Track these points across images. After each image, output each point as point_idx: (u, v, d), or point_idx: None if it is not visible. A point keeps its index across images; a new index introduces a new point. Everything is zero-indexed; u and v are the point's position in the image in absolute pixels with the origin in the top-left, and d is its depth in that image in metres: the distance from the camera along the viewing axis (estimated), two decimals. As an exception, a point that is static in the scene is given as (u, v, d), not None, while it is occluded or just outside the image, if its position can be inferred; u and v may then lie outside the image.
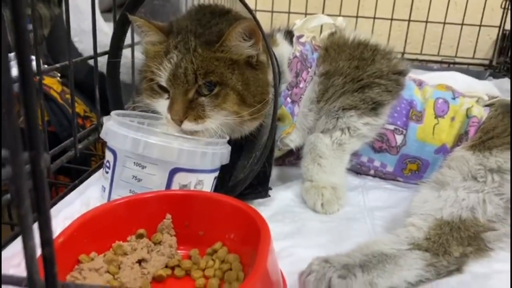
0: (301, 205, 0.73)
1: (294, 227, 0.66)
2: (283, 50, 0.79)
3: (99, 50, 0.79)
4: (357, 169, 0.84)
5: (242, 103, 0.66)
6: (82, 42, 1.12)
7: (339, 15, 1.48)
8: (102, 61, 0.80)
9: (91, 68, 0.81)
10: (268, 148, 0.67)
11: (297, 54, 0.79)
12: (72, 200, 0.63)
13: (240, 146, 0.75)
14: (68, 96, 1.28)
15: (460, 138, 0.76)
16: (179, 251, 0.55)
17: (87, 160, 1.08)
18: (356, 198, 0.76)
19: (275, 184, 0.79)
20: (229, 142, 0.69)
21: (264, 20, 1.79)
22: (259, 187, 0.71)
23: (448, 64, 1.84)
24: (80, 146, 0.74)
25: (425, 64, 1.86)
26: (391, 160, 0.80)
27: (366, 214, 0.70)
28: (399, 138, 0.79)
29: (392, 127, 0.79)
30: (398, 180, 0.83)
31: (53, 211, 0.60)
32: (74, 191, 0.65)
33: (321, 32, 0.89)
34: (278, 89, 0.68)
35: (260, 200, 0.71)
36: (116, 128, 0.60)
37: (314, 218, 0.69)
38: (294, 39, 0.82)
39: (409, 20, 1.80)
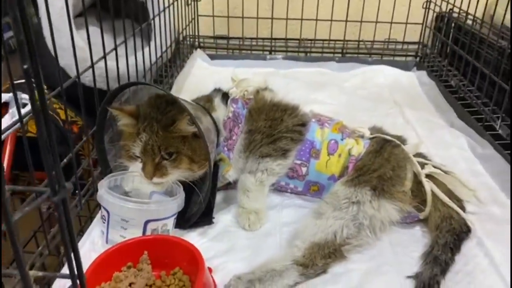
0: (236, 225, 1.08)
1: (229, 245, 1.01)
2: (219, 113, 1.12)
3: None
4: (279, 189, 1.19)
5: (193, 162, 1.00)
6: (62, 58, 1.22)
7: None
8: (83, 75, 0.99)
9: (74, 81, 0.99)
10: (209, 192, 1.01)
11: (230, 115, 1.12)
12: (84, 240, 0.98)
13: (194, 185, 1.09)
14: (54, 105, 1.52)
15: (344, 170, 1.11)
16: (154, 272, 0.91)
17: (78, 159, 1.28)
18: (274, 215, 1.11)
19: (220, 206, 1.14)
20: (185, 183, 1.03)
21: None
22: (206, 217, 1.06)
23: (381, 56, 2.14)
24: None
25: (363, 57, 2.17)
26: (300, 184, 1.15)
27: (278, 230, 1.06)
28: (304, 170, 1.13)
29: (299, 161, 1.13)
30: (306, 195, 1.18)
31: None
32: (85, 235, 1.00)
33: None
34: (210, 152, 1.01)
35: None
36: (106, 197, 0.93)
37: (243, 236, 1.04)
38: (229, 101, 1.14)
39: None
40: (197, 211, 1.03)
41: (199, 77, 1.89)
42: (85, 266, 0.84)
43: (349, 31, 2.16)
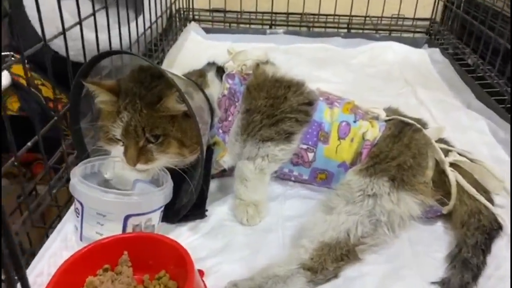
0: (232, 219, 0.94)
1: (224, 243, 0.87)
2: (213, 90, 0.97)
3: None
4: (281, 177, 1.05)
5: (183, 146, 0.86)
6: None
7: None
8: (61, 44, 0.92)
9: (55, 52, 0.94)
10: (201, 181, 0.87)
11: (226, 92, 0.97)
12: (54, 239, 0.84)
13: (184, 173, 0.95)
14: (36, 81, 1.39)
15: (357, 157, 0.97)
16: (136, 275, 0.77)
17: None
18: (276, 207, 0.97)
19: (214, 196, 1.00)
20: (174, 170, 0.89)
21: None
22: (198, 209, 0.92)
23: (389, 33, 1.99)
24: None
25: (370, 33, 2.02)
26: (305, 171, 1.01)
27: (281, 225, 0.93)
28: (310, 155, 0.99)
29: (305, 146, 0.98)
30: (312, 184, 1.04)
31: (40, 253, 0.81)
32: (54, 231, 0.85)
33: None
34: (202, 135, 0.85)
35: (200, 218, 0.93)
36: (79, 187, 0.79)
37: (240, 232, 0.91)
38: (224, 76, 0.99)
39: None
40: (187, 203, 0.89)
41: (192, 52, 1.74)
42: (54, 268, 0.70)
43: (355, 6, 2.01)
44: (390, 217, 0.84)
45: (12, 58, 1.26)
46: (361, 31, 2.04)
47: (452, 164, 0.94)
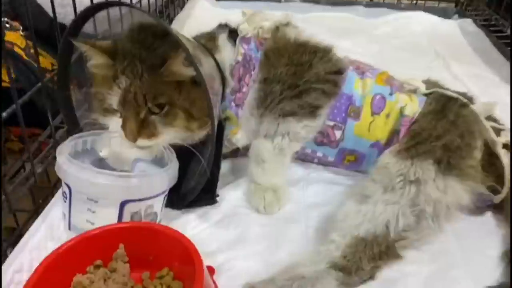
0: (247, 206, 0.81)
1: (237, 234, 0.75)
2: (225, 55, 0.83)
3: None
4: (303, 158, 0.91)
5: (191, 118, 0.73)
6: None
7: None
8: (63, 12, 0.83)
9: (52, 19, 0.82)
10: (211, 161, 0.73)
11: (240, 59, 0.82)
12: (37, 227, 0.71)
13: (191, 151, 0.81)
14: (33, 51, 1.31)
15: (393, 135, 0.83)
16: (133, 273, 0.65)
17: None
18: (297, 193, 0.84)
19: (227, 179, 0.87)
20: (179, 148, 0.76)
21: None
22: (207, 194, 0.79)
23: (416, 1, 1.82)
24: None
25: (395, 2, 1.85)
26: (331, 152, 0.87)
27: (303, 214, 0.79)
28: (338, 134, 0.85)
29: (332, 123, 0.84)
30: (338, 167, 0.90)
31: (21, 243, 0.68)
32: (39, 218, 0.72)
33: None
34: (213, 106, 0.72)
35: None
36: (67, 167, 0.66)
37: (255, 221, 0.78)
38: (238, 40, 0.85)
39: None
40: (196, 186, 0.76)
41: (201, 20, 1.59)
42: (37, 262, 0.58)
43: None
44: (436, 207, 0.71)
45: (7, 25, 1.17)
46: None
47: (505, 146, 0.80)
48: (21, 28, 1.23)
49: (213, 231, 0.75)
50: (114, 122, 0.74)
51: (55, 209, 0.75)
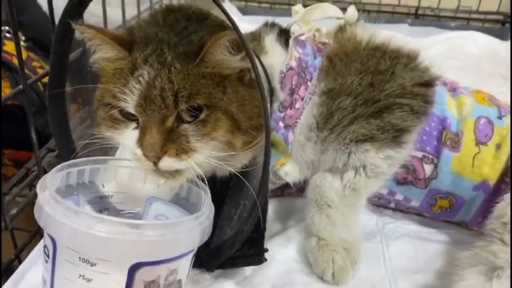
0: (305, 269, 0.58)
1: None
2: (274, 59, 0.62)
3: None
4: (374, 202, 0.68)
5: (236, 130, 0.52)
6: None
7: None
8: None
9: None
10: (262, 200, 0.51)
11: (293, 64, 0.61)
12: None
13: (225, 188, 0.59)
14: (34, 63, 1.14)
15: (507, 173, 0.60)
16: None
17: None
18: (375, 252, 0.61)
19: (271, 228, 0.64)
20: (211, 182, 0.53)
21: None
22: (252, 248, 0.56)
23: (468, 21, 1.62)
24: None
25: (440, 21, 1.66)
26: (417, 194, 0.65)
27: (387, 284, 0.56)
28: (428, 169, 0.63)
29: (420, 154, 0.62)
30: (424, 215, 0.67)
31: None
32: (8, 281, 0.49)
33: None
34: (268, 111, 0.50)
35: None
36: (51, 209, 0.43)
37: (321, 292, 0.54)
38: (292, 41, 0.63)
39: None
40: (235, 237, 0.53)
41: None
42: None
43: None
44: None
45: (7, 35, 1.07)
46: (431, 18, 1.67)
47: None
48: (22, 38, 1.13)
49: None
50: (127, 136, 0.51)
51: (31, 272, 0.51)
